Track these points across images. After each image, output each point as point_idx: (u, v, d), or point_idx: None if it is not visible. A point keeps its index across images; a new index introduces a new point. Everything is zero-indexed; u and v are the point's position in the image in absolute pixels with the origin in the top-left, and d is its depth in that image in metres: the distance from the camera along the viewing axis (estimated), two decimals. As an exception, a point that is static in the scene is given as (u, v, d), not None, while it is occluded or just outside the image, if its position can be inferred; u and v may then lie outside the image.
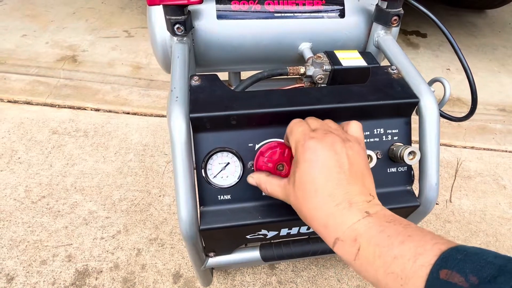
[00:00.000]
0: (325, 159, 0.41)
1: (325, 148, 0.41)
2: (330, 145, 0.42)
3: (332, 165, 0.41)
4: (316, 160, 0.41)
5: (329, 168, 0.40)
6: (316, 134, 0.43)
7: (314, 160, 0.41)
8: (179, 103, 0.53)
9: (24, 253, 1.06)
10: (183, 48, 0.64)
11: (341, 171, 0.41)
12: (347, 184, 0.40)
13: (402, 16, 0.69)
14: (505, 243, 1.18)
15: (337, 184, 0.40)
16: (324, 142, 0.42)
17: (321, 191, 0.40)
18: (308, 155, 0.42)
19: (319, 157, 0.41)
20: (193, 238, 0.56)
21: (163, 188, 1.26)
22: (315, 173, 0.41)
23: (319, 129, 0.45)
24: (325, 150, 0.41)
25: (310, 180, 0.41)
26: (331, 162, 0.41)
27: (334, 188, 0.40)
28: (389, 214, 0.39)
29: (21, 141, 1.39)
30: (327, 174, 0.40)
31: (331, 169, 0.40)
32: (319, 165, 0.41)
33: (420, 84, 0.60)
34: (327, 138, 0.42)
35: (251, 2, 0.71)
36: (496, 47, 2.31)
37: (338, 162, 0.41)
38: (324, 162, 0.41)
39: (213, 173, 0.56)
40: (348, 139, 0.44)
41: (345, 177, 0.40)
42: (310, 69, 0.67)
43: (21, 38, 1.98)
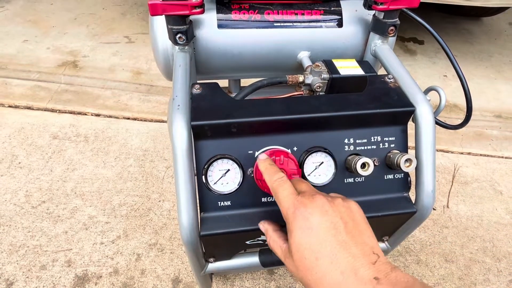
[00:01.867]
0: (319, 223, 0.39)
1: (316, 212, 0.40)
2: (321, 207, 0.40)
3: (326, 227, 0.39)
4: (310, 227, 0.39)
5: (324, 232, 0.39)
6: (303, 198, 0.42)
7: (308, 227, 0.39)
8: (180, 111, 0.54)
9: (23, 258, 1.06)
10: (185, 57, 0.65)
11: (337, 233, 0.39)
12: (346, 247, 0.38)
13: (398, 26, 0.71)
14: (501, 249, 1.19)
15: (335, 249, 0.38)
16: (314, 205, 0.41)
17: (322, 259, 0.38)
18: (300, 223, 0.40)
19: (312, 223, 0.39)
20: (193, 244, 0.57)
21: (163, 193, 1.27)
22: (311, 240, 0.39)
23: (306, 191, 0.44)
24: (316, 214, 0.40)
25: (307, 248, 0.39)
26: (325, 225, 0.39)
27: (334, 253, 0.38)
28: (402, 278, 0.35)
29: (21, 146, 1.40)
30: (324, 239, 0.38)
31: (327, 232, 0.39)
32: (313, 232, 0.39)
33: (416, 93, 0.62)
34: (316, 201, 0.41)
35: (251, 12, 0.73)
36: (492, 54, 2.34)
37: (332, 223, 0.39)
38: (318, 227, 0.39)
39: (214, 179, 0.57)
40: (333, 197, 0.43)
41: (342, 239, 0.39)
42: (308, 77, 0.68)
43: (22, 43, 1.99)
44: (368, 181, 0.62)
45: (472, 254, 1.18)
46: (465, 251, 1.18)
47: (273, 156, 0.54)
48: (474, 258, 1.16)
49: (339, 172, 0.60)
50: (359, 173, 0.56)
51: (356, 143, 0.61)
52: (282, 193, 0.44)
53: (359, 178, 0.62)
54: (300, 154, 0.59)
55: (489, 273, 1.13)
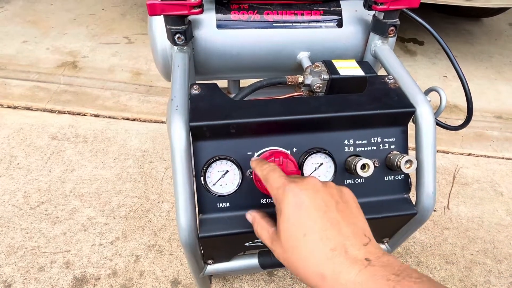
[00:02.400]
0: (309, 199, 0.38)
1: (307, 189, 0.39)
2: (312, 186, 0.39)
3: (317, 205, 0.37)
4: (300, 202, 0.38)
5: (315, 209, 0.37)
6: (295, 178, 0.42)
7: (298, 203, 0.38)
8: (179, 112, 0.54)
9: (22, 259, 1.06)
10: (183, 57, 0.65)
11: (328, 210, 0.37)
12: (337, 225, 0.37)
13: (398, 27, 0.70)
14: (502, 250, 1.19)
15: (326, 225, 0.36)
16: (305, 184, 0.40)
17: (311, 235, 0.36)
18: (290, 199, 0.38)
19: (303, 198, 0.38)
20: (192, 246, 0.56)
21: (162, 194, 1.26)
22: (301, 215, 0.37)
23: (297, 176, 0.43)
24: (308, 191, 0.39)
25: (296, 224, 0.37)
26: (316, 202, 0.38)
27: (324, 229, 0.36)
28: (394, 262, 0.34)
29: (20, 146, 1.39)
30: (314, 215, 0.37)
31: (317, 209, 0.37)
32: (303, 207, 0.37)
33: (416, 94, 0.61)
34: (307, 180, 0.41)
35: (251, 12, 0.72)
36: (493, 55, 2.33)
37: (322, 201, 0.38)
38: (308, 203, 0.38)
39: (212, 181, 0.57)
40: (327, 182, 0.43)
41: (334, 216, 0.37)
42: (308, 78, 0.68)
43: (21, 44, 1.99)
44: (368, 182, 0.61)
45: (472, 255, 1.17)
46: (466, 253, 1.18)
47: (273, 157, 0.53)
48: (474, 260, 1.16)
49: (339, 173, 0.59)
50: (359, 174, 0.56)
51: (356, 144, 0.60)
52: (272, 176, 0.43)
53: (359, 180, 0.61)
54: (300, 155, 0.59)
55: (490, 275, 1.12)
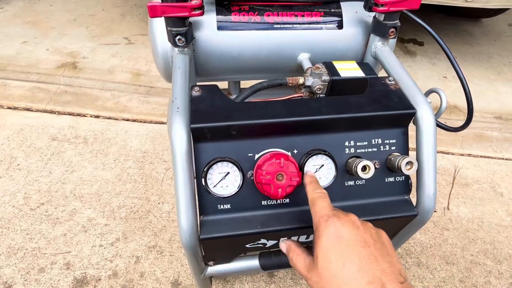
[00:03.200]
0: (349, 234, 0.41)
1: (347, 224, 0.42)
2: (352, 222, 0.42)
3: (356, 240, 0.40)
4: (340, 236, 0.41)
5: (354, 242, 0.40)
6: (338, 212, 0.44)
7: (338, 236, 0.41)
8: (180, 113, 0.54)
9: (22, 260, 1.06)
10: (184, 59, 0.65)
11: (366, 246, 0.40)
12: (375, 260, 0.39)
13: (399, 28, 0.70)
14: (502, 251, 1.19)
15: (364, 259, 0.38)
16: (347, 219, 0.43)
17: (349, 265, 0.38)
18: (332, 230, 0.42)
19: (343, 232, 0.41)
20: (193, 247, 0.57)
21: (162, 195, 1.26)
22: (340, 247, 0.40)
23: (339, 210, 0.46)
24: (348, 226, 0.42)
25: (335, 254, 0.40)
26: (355, 237, 0.41)
27: (362, 263, 0.38)
28: None
29: (20, 147, 1.39)
30: (353, 248, 0.40)
31: (357, 243, 0.40)
32: (344, 240, 0.40)
33: (417, 95, 0.61)
34: (349, 217, 0.44)
35: (251, 14, 0.73)
36: (492, 56, 2.34)
37: (362, 238, 0.41)
38: (349, 237, 0.40)
39: (213, 182, 0.57)
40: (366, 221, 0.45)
41: (371, 253, 0.39)
42: (309, 79, 0.68)
43: (21, 44, 1.99)
44: (368, 184, 0.61)
45: (473, 256, 1.17)
46: (466, 253, 1.18)
47: (273, 159, 0.53)
48: (475, 261, 1.16)
49: (340, 175, 0.60)
50: (359, 176, 0.56)
51: (356, 145, 0.60)
52: (320, 204, 0.46)
53: (360, 181, 0.61)
54: (301, 157, 0.59)
55: (490, 275, 1.12)
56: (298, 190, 0.57)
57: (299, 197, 0.59)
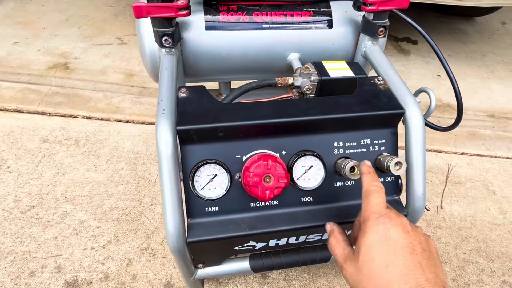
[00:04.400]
0: (398, 237, 0.39)
1: (398, 226, 0.40)
2: (403, 226, 0.41)
3: (404, 245, 0.39)
4: (388, 237, 0.40)
5: (401, 247, 0.39)
6: (390, 212, 0.43)
7: (386, 236, 0.40)
8: (165, 115, 0.53)
9: (12, 264, 1.04)
10: (171, 59, 0.64)
11: (414, 253, 0.39)
12: (420, 268, 0.38)
13: (388, 28, 0.70)
14: (495, 249, 1.19)
15: (409, 265, 0.37)
16: (398, 221, 0.41)
17: (393, 268, 0.38)
18: (380, 229, 0.40)
19: (392, 234, 0.40)
20: (181, 251, 0.56)
21: (154, 197, 1.25)
22: (387, 247, 0.39)
23: (393, 210, 0.44)
24: (398, 228, 0.40)
25: (380, 253, 0.39)
26: (404, 241, 0.39)
27: (406, 269, 0.37)
28: None
29: (11, 150, 1.37)
30: (400, 252, 0.38)
31: (404, 249, 0.39)
32: (391, 242, 0.39)
33: (405, 95, 0.61)
34: (400, 219, 0.42)
35: (240, 13, 0.72)
36: (485, 54, 2.35)
37: (410, 243, 0.39)
38: (396, 240, 0.39)
39: (201, 185, 0.56)
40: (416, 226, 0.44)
41: (417, 261, 0.38)
42: (298, 79, 0.68)
43: (12, 45, 1.96)
44: (358, 184, 0.61)
45: (465, 254, 1.18)
46: (459, 252, 1.18)
47: (261, 160, 0.53)
48: (467, 259, 1.16)
49: (329, 176, 0.59)
50: (348, 177, 0.55)
51: (345, 146, 0.60)
52: (375, 198, 0.44)
53: (349, 182, 0.61)
54: (289, 158, 0.58)
55: (483, 273, 1.13)
56: (287, 191, 0.57)
57: (287, 198, 0.59)
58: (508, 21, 2.75)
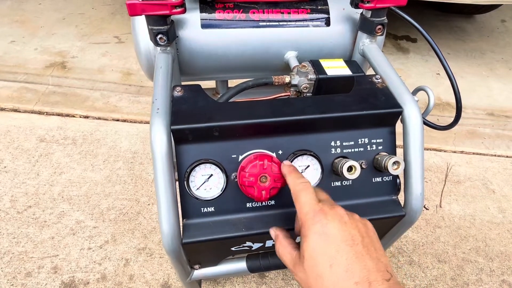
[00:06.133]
0: (336, 232, 0.40)
1: (334, 220, 0.41)
2: (340, 217, 0.41)
3: (344, 237, 0.39)
4: (327, 233, 0.40)
5: (342, 241, 0.39)
6: (323, 206, 0.42)
7: (325, 233, 0.40)
8: (160, 115, 0.53)
9: (8, 265, 1.04)
10: (166, 58, 0.63)
11: (354, 244, 0.39)
12: (362, 259, 0.38)
13: (386, 25, 0.69)
14: (494, 248, 1.19)
15: (352, 258, 0.38)
16: (334, 214, 0.41)
17: (336, 268, 0.38)
18: (318, 228, 0.40)
19: (330, 230, 0.40)
20: (176, 252, 0.55)
21: (152, 197, 1.25)
22: (328, 246, 0.39)
23: (325, 200, 0.44)
24: (335, 222, 0.40)
25: (322, 254, 0.39)
26: (342, 234, 0.40)
27: (349, 263, 0.38)
28: None
29: (7, 149, 1.37)
30: (341, 247, 0.39)
31: (344, 242, 0.39)
32: (330, 238, 0.39)
33: (403, 94, 0.60)
34: (336, 211, 0.42)
35: (236, 11, 0.71)
36: (485, 52, 2.34)
37: (349, 234, 0.40)
38: (335, 235, 0.40)
39: (196, 185, 0.55)
40: (352, 213, 0.43)
41: (359, 251, 0.39)
42: (295, 78, 0.67)
43: (9, 44, 1.95)
44: (355, 184, 0.60)
45: (464, 254, 1.17)
46: (458, 251, 1.18)
47: (257, 160, 0.52)
48: (466, 258, 1.16)
49: (326, 175, 0.58)
50: (345, 176, 0.55)
51: (343, 145, 0.59)
52: (304, 197, 0.44)
53: (347, 182, 0.60)
54: (286, 158, 0.57)
55: (482, 273, 1.12)
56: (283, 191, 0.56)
57: (284, 198, 0.58)
58: (508, 19, 2.74)
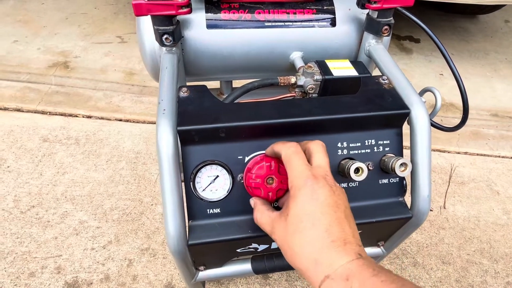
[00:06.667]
0: (325, 197, 0.43)
1: (325, 187, 0.43)
2: (330, 187, 0.44)
3: (330, 204, 0.42)
4: (316, 198, 0.42)
5: (328, 206, 0.42)
6: (316, 173, 0.45)
7: (314, 197, 0.43)
8: (166, 115, 0.52)
9: (12, 265, 1.04)
10: (172, 58, 0.63)
11: (338, 211, 0.43)
12: (342, 223, 0.42)
13: (392, 26, 0.69)
14: (499, 250, 1.18)
15: (334, 221, 0.42)
16: (325, 182, 0.44)
17: (318, 226, 0.41)
18: (308, 191, 0.43)
19: (319, 194, 0.43)
20: (181, 253, 0.55)
21: (155, 197, 1.25)
22: (314, 207, 0.42)
23: (319, 167, 0.46)
24: (325, 188, 0.43)
25: (307, 213, 0.42)
26: (330, 200, 0.43)
27: (331, 225, 0.41)
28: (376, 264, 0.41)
29: (10, 149, 1.37)
30: (326, 210, 0.42)
31: (330, 207, 0.42)
32: (318, 202, 0.42)
33: (411, 95, 0.60)
34: (327, 180, 0.44)
35: (241, 11, 0.71)
36: (488, 52, 2.33)
37: (335, 202, 0.43)
38: (323, 199, 0.42)
39: (202, 186, 0.55)
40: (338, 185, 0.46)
41: (341, 217, 0.42)
42: (301, 79, 0.66)
43: (12, 44, 1.96)
44: (362, 186, 0.60)
45: (469, 255, 1.16)
46: (462, 253, 1.17)
47: (264, 161, 0.52)
48: (471, 260, 1.15)
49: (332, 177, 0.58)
50: (352, 178, 0.54)
51: (349, 147, 0.59)
52: (296, 162, 0.46)
53: (353, 183, 0.60)
54: (292, 159, 0.57)
55: (487, 274, 1.12)
56: (290, 193, 0.55)
57: (290, 200, 0.58)
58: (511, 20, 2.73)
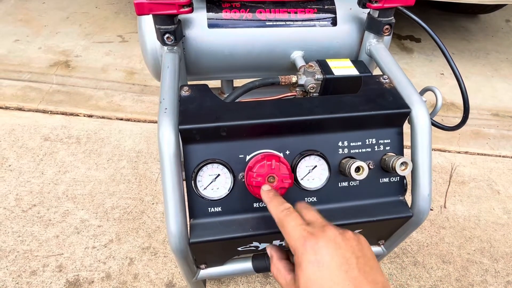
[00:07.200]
0: (330, 257, 0.38)
1: (328, 245, 0.39)
2: (333, 241, 0.39)
3: (339, 263, 0.38)
4: (321, 261, 0.38)
5: (336, 268, 0.38)
6: (314, 229, 0.41)
7: (319, 261, 0.38)
8: (167, 114, 0.52)
9: (13, 263, 1.04)
10: (173, 57, 0.63)
11: (349, 269, 0.38)
12: (358, 285, 0.37)
13: (393, 25, 0.69)
14: (499, 249, 1.18)
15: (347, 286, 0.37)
16: (325, 238, 0.39)
17: None
18: (311, 256, 0.39)
19: (324, 257, 0.38)
20: (183, 251, 0.55)
21: (156, 196, 1.25)
22: (322, 275, 0.38)
23: (314, 222, 0.43)
24: (329, 247, 0.39)
25: (316, 283, 0.38)
26: (336, 259, 0.38)
27: None
28: None
29: (12, 148, 1.37)
30: (335, 275, 0.38)
31: (339, 268, 0.38)
32: (324, 266, 0.38)
33: (411, 94, 0.60)
34: (327, 233, 0.40)
35: (243, 11, 0.71)
36: (489, 52, 2.33)
37: (344, 258, 0.38)
38: (330, 261, 0.38)
39: (203, 185, 0.55)
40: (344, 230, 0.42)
41: (355, 276, 0.38)
42: (302, 78, 0.67)
43: (13, 43, 1.96)
44: (363, 184, 0.60)
45: (469, 255, 1.17)
46: (463, 252, 1.17)
47: (265, 160, 0.52)
48: (471, 259, 1.15)
49: (333, 176, 0.58)
50: (353, 177, 0.55)
51: (350, 146, 0.59)
52: (290, 224, 0.42)
53: (354, 182, 0.60)
54: (293, 158, 0.57)
55: (487, 274, 1.12)
56: (290, 192, 0.56)
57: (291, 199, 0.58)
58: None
